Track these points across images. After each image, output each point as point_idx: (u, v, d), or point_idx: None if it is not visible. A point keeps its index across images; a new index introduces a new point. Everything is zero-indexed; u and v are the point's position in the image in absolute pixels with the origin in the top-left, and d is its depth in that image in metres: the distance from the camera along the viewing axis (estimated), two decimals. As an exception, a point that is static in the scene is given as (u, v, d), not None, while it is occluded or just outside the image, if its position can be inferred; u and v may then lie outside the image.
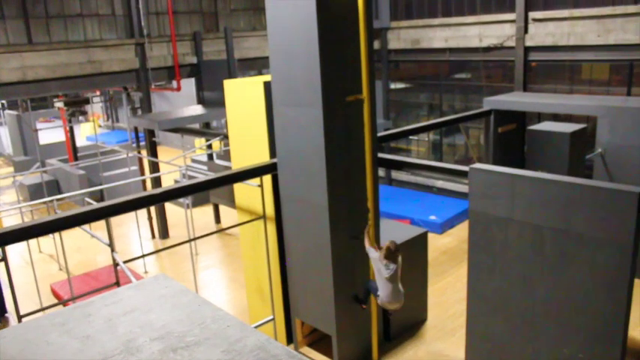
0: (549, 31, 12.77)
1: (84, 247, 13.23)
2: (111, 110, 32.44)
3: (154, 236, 14.14)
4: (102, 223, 6.81)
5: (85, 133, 28.66)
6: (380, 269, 6.23)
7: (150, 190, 7.84)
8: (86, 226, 8.04)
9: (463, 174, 6.55)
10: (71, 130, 18.53)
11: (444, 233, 13.05)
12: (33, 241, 12.87)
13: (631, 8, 11.45)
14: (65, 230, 6.63)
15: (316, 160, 6.48)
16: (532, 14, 13.02)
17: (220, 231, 10.94)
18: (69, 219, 5.96)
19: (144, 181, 14.29)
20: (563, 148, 9.87)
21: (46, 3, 13.30)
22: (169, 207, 13.90)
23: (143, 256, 7.92)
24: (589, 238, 5.42)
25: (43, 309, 7.09)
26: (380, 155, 7.44)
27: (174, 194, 6.88)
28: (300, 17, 6.16)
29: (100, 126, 31.78)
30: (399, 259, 6.30)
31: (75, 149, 18.58)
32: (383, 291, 6.28)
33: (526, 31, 13.12)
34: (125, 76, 14.45)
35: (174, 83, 15.12)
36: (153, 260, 12.69)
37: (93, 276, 11.06)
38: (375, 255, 6.33)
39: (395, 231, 8.29)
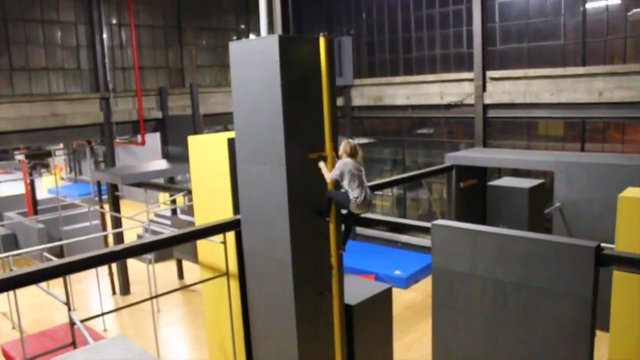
0: (506, 89, 13.30)
1: (40, 304, 12.75)
2: (74, 162, 32.00)
3: (114, 292, 13.76)
4: (60, 278, 6.61)
5: (46, 185, 28.09)
6: (352, 172, 6.21)
7: (111, 246, 7.71)
8: (43, 282, 7.79)
9: (426, 230, 6.62)
10: (32, 182, 18.17)
11: (409, 288, 13.05)
12: (-15, 299, 12.37)
13: (580, 69, 12.08)
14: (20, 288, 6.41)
15: (279, 217, 6.48)
16: (489, 73, 13.56)
17: (183, 288, 10.74)
18: (25, 277, 5.76)
19: (105, 236, 13.99)
20: (522, 202, 10.14)
21: (11, 56, 13.27)
22: (131, 262, 13.58)
23: (102, 314, 7.70)
24: (550, 292, 5.50)
25: (-8, 373, 6.77)
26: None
27: (136, 251, 6.76)
28: (263, 76, 6.28)
29: (62, 178, 31.22)
30: (360, 158, 6.37)
31: (35, 202, 18.16)
32: (357, 193, 6.23)
33: (484, 89, 13.62)
34: (89, 129, 14.38)
35: (139, 137, 15.08)
36: (113, 317, 12.29)
37: (48, 335, 10.61)
38: (339, 164, 6.26)
39: (358, 287, 8.26)
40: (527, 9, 13.01)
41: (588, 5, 12.09)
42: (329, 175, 6.37)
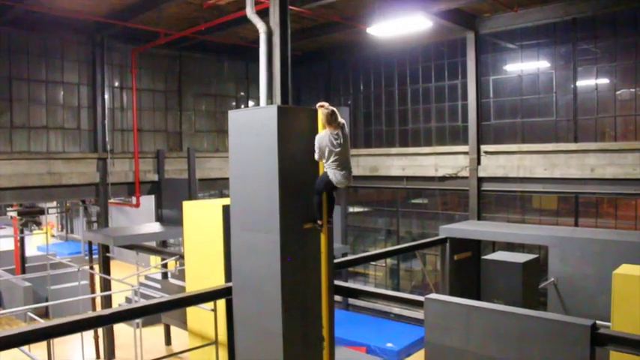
0: (500, 163, 13.47)
1: (20, 367, 12.34)
2: (66, 220, 31.76)
3: (98, 356, 13.35)
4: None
5: (36, 242, 27.73)
6: (328, 147, 6.07)
7: (99, 309, 7.56)
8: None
9: (418, 304, 6.54)
10: (21, 240, 17.97)
11: (401, 361, 12.73)
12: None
13: (572, 146, 12.31)
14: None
15: (272, 287, 6.40)
16: (484, 147, 13.77)
17: (170, 356, 10.43)
18: (5, 339, 5.57)
19: (93, 298, 13.73)
20: (516, 277, 10.03)
21: (13, 114, 13.44)
22: (118, 324, 13.25)
23: (84, 381, 7.46)
24: (545, 371, 5.38)
25: None
26: (336, 282, 7.40)
27: (123, 316, 6.62)
28: (261, 144, 6.35)
29: (53, 236, 30.85)
30: (344, 125, 6.17)
31: (23, 260, 17.89)
32: (334, 166, 6.11)
33: (479, 162, 13.79)
34: (84, 189, 14.40)
35: (134, 199, 15.08)
36: (94, 384, 11.90)
37: (26, 401, 10.21)
38: (316, 140, 6.16)
39: (350, 360, 8.09)
40: (520, 86, 13.39)
41: (579, 84, 12.46)
42: (316, 156, 6.35)
